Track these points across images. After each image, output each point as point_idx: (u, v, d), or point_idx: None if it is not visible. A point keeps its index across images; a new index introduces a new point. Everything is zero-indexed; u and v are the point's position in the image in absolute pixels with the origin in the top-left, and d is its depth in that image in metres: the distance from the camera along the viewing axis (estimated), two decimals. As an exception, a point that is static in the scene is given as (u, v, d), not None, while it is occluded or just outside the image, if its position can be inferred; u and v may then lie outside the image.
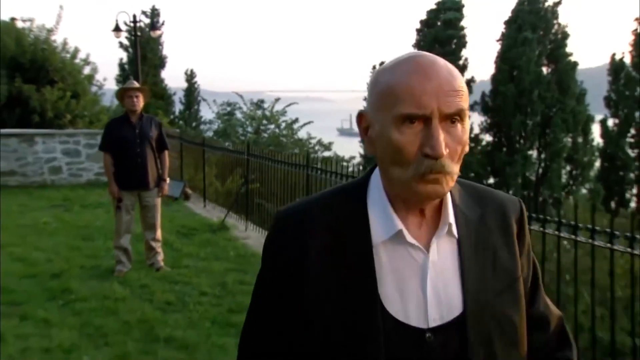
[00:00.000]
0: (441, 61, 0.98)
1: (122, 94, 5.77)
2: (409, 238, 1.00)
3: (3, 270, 5.67)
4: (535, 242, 3.33)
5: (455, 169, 0.97)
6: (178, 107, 33.29)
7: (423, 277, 1.00)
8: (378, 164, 1.04)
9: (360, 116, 1.05)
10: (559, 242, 3.51)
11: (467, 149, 0.99)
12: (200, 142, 9.96)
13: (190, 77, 35.06)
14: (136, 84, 5.99)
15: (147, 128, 5.74)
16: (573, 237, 3.35)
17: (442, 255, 1.03)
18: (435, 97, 0.93)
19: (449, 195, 1.05)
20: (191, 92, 34.85)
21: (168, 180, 6.05)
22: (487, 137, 29.04)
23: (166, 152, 5.96)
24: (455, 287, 1.02)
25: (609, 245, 3.16)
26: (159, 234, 5.93)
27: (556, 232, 3.45)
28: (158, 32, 17.66)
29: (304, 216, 1.05)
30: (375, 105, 1.00)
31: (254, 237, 7.34)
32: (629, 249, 3.08)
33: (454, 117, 0.96)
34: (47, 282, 5.48)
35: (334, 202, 1.06)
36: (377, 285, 0.98)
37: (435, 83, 0.94)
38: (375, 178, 1.06)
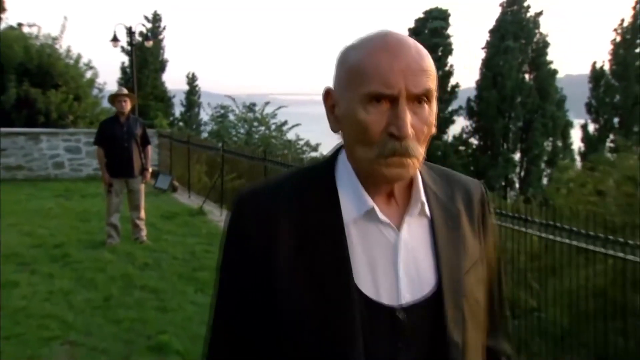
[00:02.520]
0: (410, 40, 0.97)
1: (113, 98, 7.09)
2: (381, 216, 0.99)
3: (14, 242, 6.97)
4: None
5: (420, 150, 0.96)
6: (179, 110, 34.25)
7: (395, 255, 0.99)
8: (344, 143, 1.03)
9: (327, 94, 1.03)
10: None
11: (433, 130, 0.98)
12: (186, 141, 11.29)
13: (191, 80, 35.93)
14: (125, 91, 7.30)
15: (133, 127, 7.04)
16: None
17: (414, 234, 1.02)
18: (403, 76, 0.92)
19: (419, 176, 1.04)
20: (192, 94, 35.78)
21: (150, 169, 7.35)
22: (473, 141, 30.27)
23: (149, 147, 7.26)
24: (427, 265, 1.01)
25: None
26: (142, 213, 7.23)
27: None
28: (151, 43, 18.95)
29: (270, 197, 1.02)
30: (342, 83, 0.99)
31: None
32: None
33: (421, 98, 0.94)
34: (50, 250, 6.79)
35: (301, 182, 1.04)
36: (350, 264, 0.97)
37: (403, 62, 0.92)
38: (343, 157, 1.04)
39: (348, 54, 0.98)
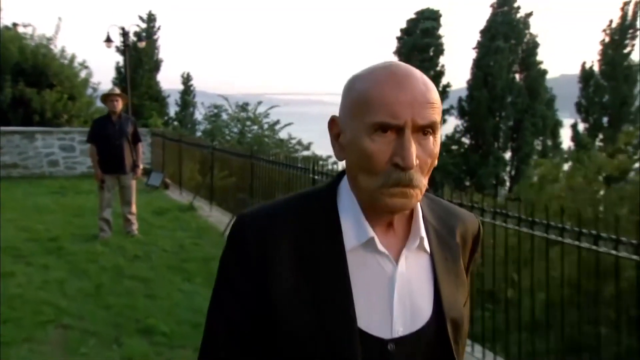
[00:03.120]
0: (417, 73, 0.98)
1: (105, 98, 7.40)
2: (380, 247, 1.00)
3: (11, 236, 7.27)
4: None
5: (423, 182, 0.97)
6: (174, 109, 34.43)
7: (390, 287, 1.00)
8: (347, 171, 1.03)
9: (332, 122, 1.04)
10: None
11: (436, 162, 0.99)
12: (177, 139, 11.61)
13: (186, 80, 36.05)
14: (117, 91, 7.61)
15: (125, 125, 7.35)
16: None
17: (411, 267, 1.02)
18: (410, 108, 0.93)
19: (419, 209, 1.05)
20: (187, 94, 35.94)
21: (141, 166, 7.67)
22: (465, 140, 30.64)
23: (140, 144, 7.57)
24: (424, 300, 1.02)
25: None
26: (134, 208, 7.54)
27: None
28: (144, 44, 19.27)
29: (271, 221, 1.02)
30: (348, 112, 1.00)
31: (215, 216, 8.96)
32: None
33: (427, 130, 0.96)
34: (46, 243, 7.09)
35: (303, 207, 1.04)
36: (352, 297, 0.97)
37: (410, 94, 0.94)
38: (345, 184, 1.04)
39: (354, 84, 1.00)
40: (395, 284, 1.00)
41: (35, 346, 4.17)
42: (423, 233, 1.03)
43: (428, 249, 1.04)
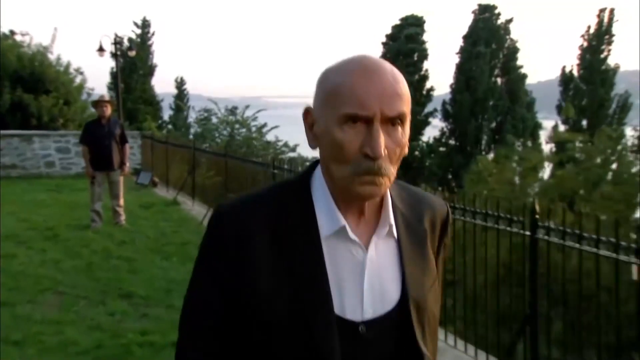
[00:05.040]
0: (387, 65, 1.01)
1: (96, 104, 8.39)
2: (351, 235, 1.04)
3: (12, 226, 8.23)
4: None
5: (392, 170, 1.01)
6: (168, 113, 35.14)
7: (361, 273, 1.04)
8: (320, 160, 1.08)
9: (307, 112, 1.08)
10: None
11: (405, 151, 1.03)
12: (164, 141, 12.59)
13: (180, 84, 36.60)
14: (106, 97, 8.60)
15: (113, 128, 8.32)
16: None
17: (380, 253, 1.07)
18: (378, 99, 0.97)
19: (389, 197, 1.09)
20: (181, 98, 36.61)
21: (128, 163, 8.64)
22: (450, 142, 31.63)
23: (127, 145, 8.53)
24: (392, 283, 1.07)
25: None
26: (121, 201, 8.50)
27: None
28: (134, 53, 20.27)
29: (248, 211, 1.06)
30: (320, 103, 1.04)
31: (196, 210, 9.93)
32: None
33: (395, 120, 0.99)
34: (43, 231, 8.06)
35: (279, 198, 1.08)
36: (328, 280, 1.02)
37: (379, 87, 0.97)
38: (319, 172, 1.09)
39: (327, 76, 1.04)
40: (365, 270, 1.04)
41: (36, 306, 5.14)
42: (392, 220, 1.08)
43: (396, 235, 1.09)
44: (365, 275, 1.04)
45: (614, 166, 9.75)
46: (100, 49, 16.73)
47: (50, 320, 4.77)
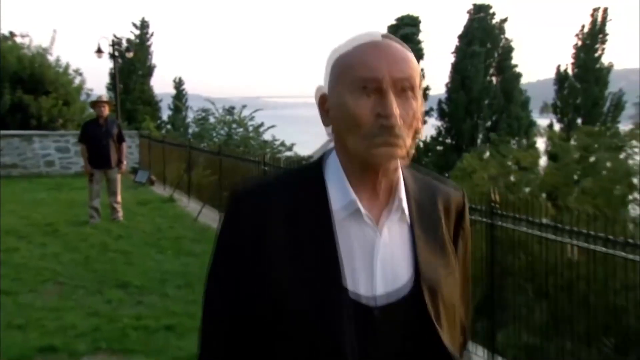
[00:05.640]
0: (393, 37, 1.05)
1: (94, 104, 8.70)
2: (363, 210, 1.03)
3: (13, 222, 8.53)
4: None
5: (407, 136, 1.00)
6: (167, 113, 35.36)
7: (372, 253, 1.04)
8: (335, 138, 1.08)
9: (322, 98, 1.09)
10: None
11: (420, 125, 1.02)
12: (161, 140, 12.89)
13: (178, 84, 36.77)
14: (104, 98, 8.90)
15: (110, 127, 8.62)
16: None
17: (393, 234, 1.06)
18: (386, 62, 0.99)
19: (401, 178, 1.08)
20: (179, 98, 36.81)
21: (125, 162, 8.94)
22: (448, 140, 31.93)
23: (124, 144, 8.83)
24: (405, 267, 1.05)
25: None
26: (119, 198, 8.81)
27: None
28: (131, 54, 20.60)
29: (264, 195, 1.06)
30: (331, 78, 1.05)
31: (192, 206, 10.24)
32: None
33: (406, 87, 1.00)
34: (43, 227, 8.36)
35: (293, 180, 1.10)
36: (340, 265, 1.01)
37: (387, 52, 1.00)
38: (332, 158, 1.09)
39: (336, 52, 1.06)
40: (376, 250, 1.04)
41: (37, 295, 5.45)
42: (404, 198, 1.07)
43: (408, 219, 1.08)
44: (378, 253, 1.04)
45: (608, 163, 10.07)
46: (99, 51, 17.04)
47: (50, 307, 5.08)
